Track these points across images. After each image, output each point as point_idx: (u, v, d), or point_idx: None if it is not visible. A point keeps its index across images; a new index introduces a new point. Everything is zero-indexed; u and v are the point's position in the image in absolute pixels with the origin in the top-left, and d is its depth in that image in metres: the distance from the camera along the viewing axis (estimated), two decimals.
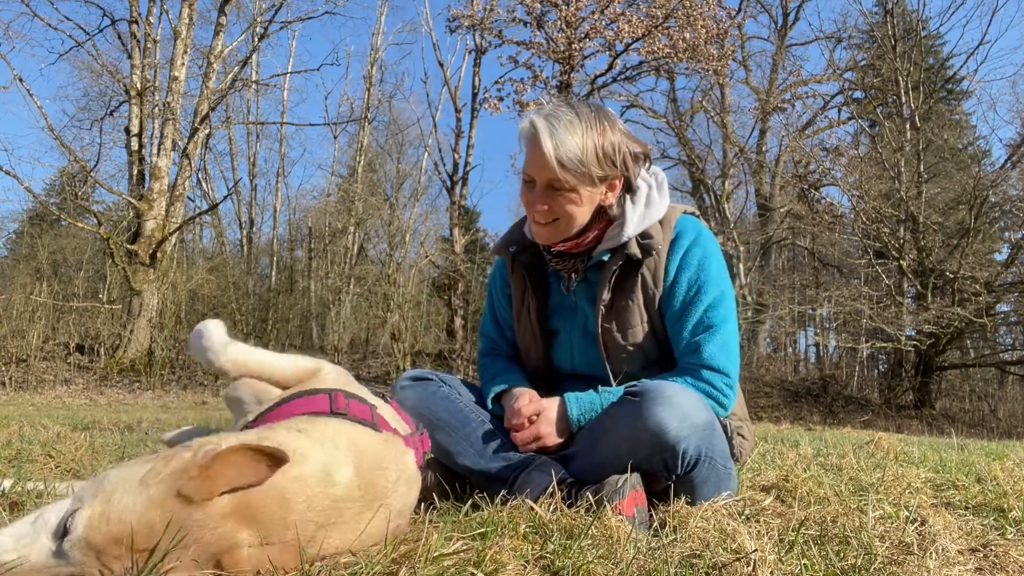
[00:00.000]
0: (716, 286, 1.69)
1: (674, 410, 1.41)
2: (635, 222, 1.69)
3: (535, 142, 1.62)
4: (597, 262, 1.74)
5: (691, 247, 1.71)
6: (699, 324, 1.66)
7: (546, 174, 1.62)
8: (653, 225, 1.71)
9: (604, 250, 1.71)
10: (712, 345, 1.64)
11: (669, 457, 1.43)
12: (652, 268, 1.70)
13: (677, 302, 1.69)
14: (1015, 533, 1.40)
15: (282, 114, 24.38)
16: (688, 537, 1.26)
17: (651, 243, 1.68)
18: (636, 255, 1.68)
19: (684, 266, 1.70)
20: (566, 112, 1.63)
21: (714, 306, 1.67)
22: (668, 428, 1.40)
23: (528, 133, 1.65)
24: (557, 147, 1.58)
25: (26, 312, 13.52)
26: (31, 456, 2.11)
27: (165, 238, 14.30)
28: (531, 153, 1.64)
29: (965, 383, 18.16)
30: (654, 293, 1.70)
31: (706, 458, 1.48)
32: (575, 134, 1.60)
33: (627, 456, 1.46)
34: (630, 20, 13.19)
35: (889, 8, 18.22)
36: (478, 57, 17.33)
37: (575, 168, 1.60)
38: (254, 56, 20.01)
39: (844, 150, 17.30)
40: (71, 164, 15.44)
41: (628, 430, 1.45)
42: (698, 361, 1.64)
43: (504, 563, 1.05)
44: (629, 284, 1.70)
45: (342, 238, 21.34)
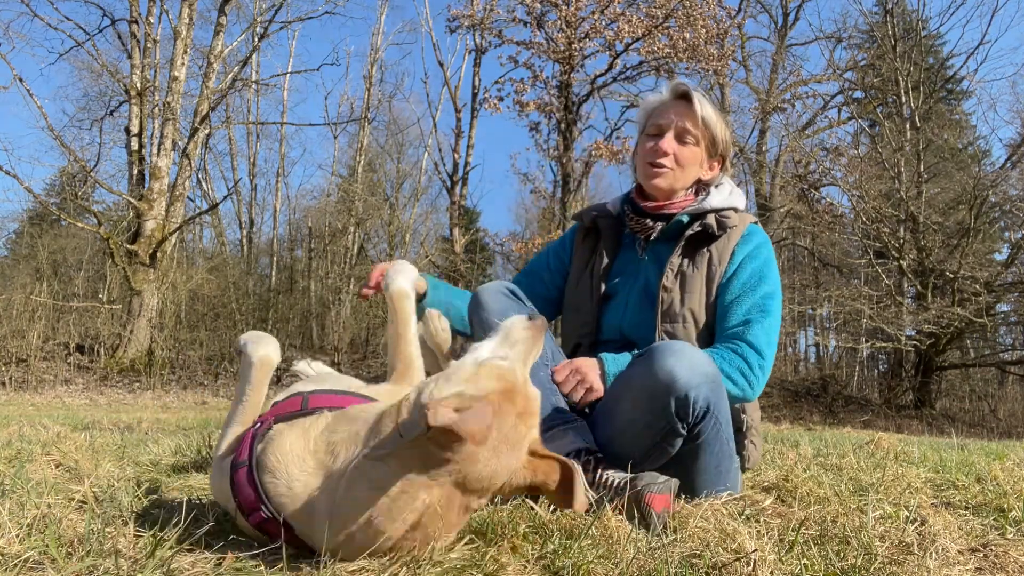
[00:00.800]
0: (775, 282, 1.84)
1: (684, 359, 1.50)
2: (718, 198, 1.91)
3: (684, 102, 1.89)
4: (676, 225, 1.89)
5: (761, 245, 1.88)
6: (754, 307, 1.78)
7: (686, 122, 1.88)
8: (730, 209, 1.90)
9: (685, 212, 1.88)
10: (759, 327, 1.74)
11: (681, 405, 1.50)
12: (720, 248, 1.85)
13: (738, 284, 1.81)
14: (1015, 533, 1.40)
15: (282, 114, 24.39)
16: (688, 537, 1.26)
17: (727, 221, 1.85)
18: (712, 226, 1.84)
19: (752, 256, 1.84)
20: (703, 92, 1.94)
21: (770, 296, 1.80)
22: (678, 375, 1.48)
23: (663, 98, 1.94)
24: (703, 108, 1.88)
25: (26, 312, 13.52)
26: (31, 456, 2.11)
27: (165, 238, 14.30)
28: (672, 108, 1.90)
29: (965, 383, 18.16)
30: (716, 271, 1.83)
31: (713, 413, 1.55)
32: (712, 108, 1.92)
33: (644, 413, 1.53)
34: (630, 20, 13.19)
35: (889, 8, 18.22)
36: (478, 57, 17.33)
37: (711, 127, 1.89)
38: (254, 56, 20.01)
39: (844, 150, 17.30)
40: (71, 164, 15.44)
41: (641, 383, 1.53)
42: (742, 335, 1.73)
43: (504, 563, 1.05)
44: (698, 254, 1.85)
45: (342, 238, 21.33)
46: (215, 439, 2.84)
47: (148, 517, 1.34)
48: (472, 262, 19.08)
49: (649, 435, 1.55)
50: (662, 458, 1.58)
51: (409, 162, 23.86)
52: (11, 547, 1.04)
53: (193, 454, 2.37)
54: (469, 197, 22.15)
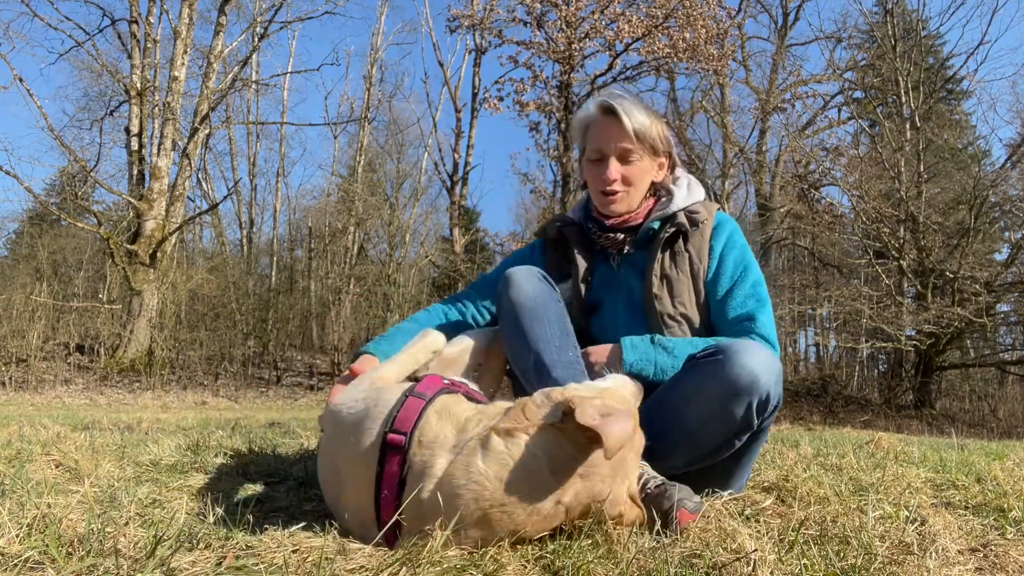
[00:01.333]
0: (757, 269, 1.87)
1: (760, 357, 1.51)
2: (682, 197, 1.90)
3: (612, 117, 1.84)
4: (647, 233, 1.89)
5: (733, 232, 1.90)
6: (749, 296, 1.81)
7: (622, 144, 1.83)
8: (696, 204, 1.90)
9: (654, 219, 1.88)
10: (764, 316, 1.78)
11: (761, 404, 1.52)
12: (697, 246, 1.87)
13: (725, 278, 1.84)
14: (1015, 533, 1.40)
15: (282, 114, 24.40)
16: (688, 537, 1.26)
17: (697, 217, 1.86)
18: (684, 224, 1.85)
19: (730, 247, 1.87)
20: (627, 96, 1.88)
21: (759, 283, 1.83)
22: (760, 374, 1.49)
23: (591, 115, 1.89)
24: (633, 120, 1.82)
25: (26, 312, 13.52)
26: (31, 456, 2.11)
27: (165, 238, 14.29)
28: (604, 128, 1.86)
29: (965, 383, 18.15)
30: (698, 268, 1.85)
31: (779, 404, 1.60)
32: (641, 111, 1.85)
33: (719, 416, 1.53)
34: (630, 20, 13.19)
35: (889, 8, 18.21)
36: (478, 57, 17.33)
37: (645, 138, 1.84)
38: (254, 56, 20.02)
39: (844, 150, 17.30)
40: (71, 164, 15.44)
41: (718, 385, 1.51)
42: (751, 328, 1.76)
43: (504, 563, 1.05)
44: (677, 256, 1.86)
45: (342, 238, 21.33)
46: (215, 439, 2.84)
47: (148, 517, 1.34)
48: (472, 262, 19.07)
49: (722, 433, 1.55)
50: (727, 452, 1.59)
51: (409, 162, 23.89)
52: (11, 547, 1.04)
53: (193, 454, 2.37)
54: (469, 197, 22.18)
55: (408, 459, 1.17)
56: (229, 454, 2.36)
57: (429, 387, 1.33)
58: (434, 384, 1.35)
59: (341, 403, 1.38)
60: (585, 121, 1.91)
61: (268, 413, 8.97)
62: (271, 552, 1.09)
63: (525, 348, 1.66)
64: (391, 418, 1.22)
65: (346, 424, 1.31)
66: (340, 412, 1.36)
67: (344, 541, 1.16)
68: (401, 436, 1.19)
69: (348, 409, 1.34)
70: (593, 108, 1.89)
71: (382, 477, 1.18)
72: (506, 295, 1.74)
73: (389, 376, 1.50)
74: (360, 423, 1.27)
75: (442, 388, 1.33)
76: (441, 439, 1.17)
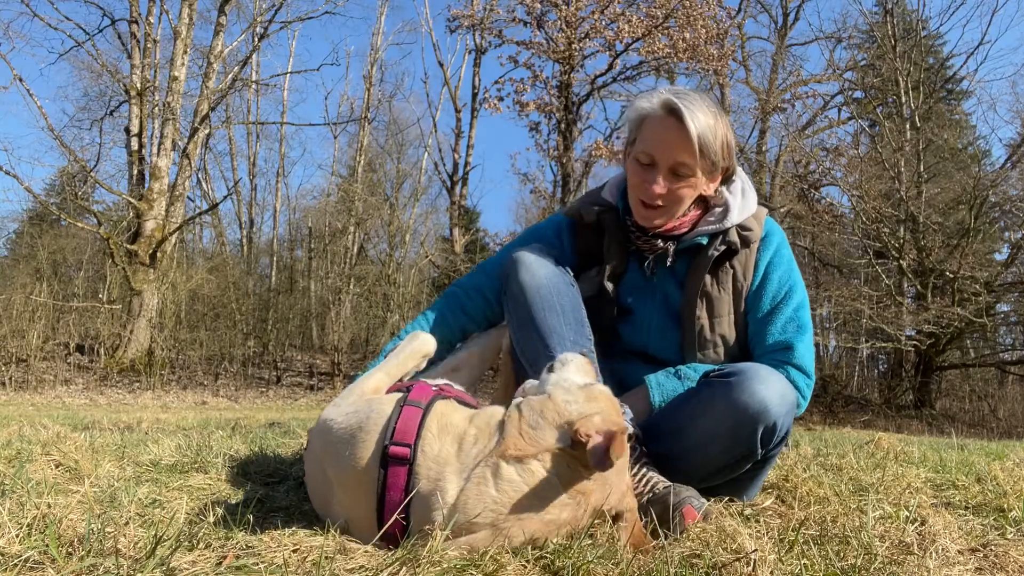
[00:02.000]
0: (802, 289, 1.74)
1: (773, 387, 1.45)
2: (737, 211, 1.70)
3: (675, 122, 1.59)
4: (692, 245, 1.72)
5: (780, 247, 1.75)
6: (790, 322, 1.69)
7: (679, 157, 1.60)
8: (750, 218, 1.72)
9: (703, 233, 1.71)
10: (802, 345, 1.67)
11: (767, 433, 1.46)
12: (743, 262, 1.72)
13: (767, 298, 1.71)
14: (1015, 533, 1.40)
15: (282, 114, 24.40)
16: (688, 537, 1.26)
17: (750, 235, 1.70)
18: (736, 244, 1.69)
19: (776, 264, 1.73)
20: (698, 97, 1.62)
21: (803, 307, 1.71)
22: (770, 404, 1.43)
23: (654, 111, 1.63)
24: (699, 128, 1.57)
25: (26, 312, 13.52)
26: (31, 456, 2.11)
27: (165, 238, 14.29)
28: (663, 132, 1.61)
29: (965, 383, 18.15)
30: (743, 286, 1.72)
31: (788, 434, 1.53)
32: (709, 119, 1.59)
33: (725, 437, 1.48)
34: (630, 20, 13.19)
35: (889, 8, 18.22)
36: (478, 57, 17.35)
37: (708, 152, 1.60)
38: (254, 56, 20.02)
39: (844, 150, 17.30)
40: (71, 164, 15.45)
41: (726, 411, 1.46)
42: (788, 358, 1.66)
43: (504, 563, 1.05)
44: (722, 273, 1.71)
45: (342, 238, 21.33)
46: (215, 439, 2.84)
47: (148, 517, 1.34)
48: (472, 262, 19.06)
49: (724, 457, 1.50)
50: (730, 476, 1.53)
51: (409, 162, 23.89)
52: (11, 547, 1.04)
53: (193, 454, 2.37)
54: (469, 197, 22.18)
55: (414, 471, 1.17)
56: (229, 454, 2.36)
57: (422, 395, 1.30)
58: (426, 392, 1.32)
59: (331, 417, 1.35)
60: (643, 114, 1.66)
61: (268, 413, 8.97)
62: (271, 552, 1.09)
63: (536, 340, 1.56)
64: (390, 429, 1.21)
65: (339, 437, 1.29)
66: (331, 425, 1.33)
67: (344, 540, 1.16)
68: (404, 448, 1.18)
69: (339, 423, 1.31)
70: (656, 103, 1.63)
71: (385, 489, 1.17)
72: (515, 279, 1.63)
73: (379, 386, 1.45)
74: (355, 436, 1.25)
75: (435, 395, 1.31)
76: (444, 455, 1.18)
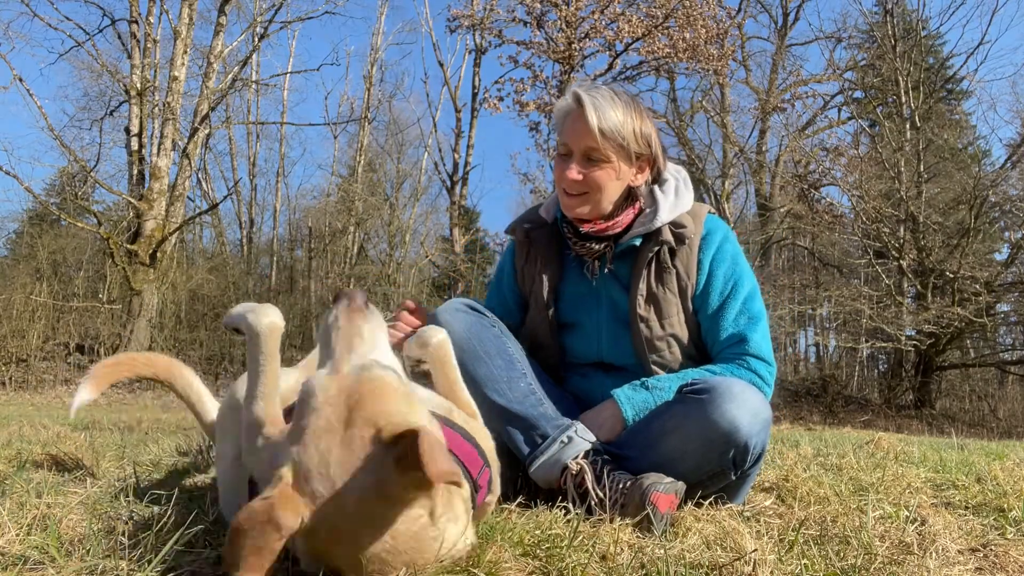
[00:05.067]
0: (749, 280, 1.75)
1: (745, 407, 1.43)
2: (667, 209, 1.72)
3: (578, 112, 1.68)
4: (628, 247, 1.75)
5: (723, 243, 1.76)
6: (740, 314, 1.71)
7: (586, 142, 1.67)
8: (683, 216, 1.74)
9: (636, 235, 1.73)
10: (757, 334, 1.69)
11: (739, 454, 1.45)
12: (684, 261, 1.73)
13: (715, 295, 1.72)
14: (1015, 533, 1.40)
15: (282, 114, 24.39)
16: (688, 537, 1.26)
17: (684, 232, 1.71)
18: (670, 241, 1.71)
19: (719, 260, 1.74)
20: (607, 90, 1.70)
21: (751, 298, 1.73)
22: (741, 424, 1.42)
23: (568, 106, 1.72)
24: (600, 117, 1.64)
25: (26, 312, 13.52)
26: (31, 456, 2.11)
27: (165, 238, 14.29)
28: (572, 123, 1.70)
29: (965, 383, 18.15)
30: (687, 285, 1.73)
31: (764, 455, 1.52)
32: (616, 108, 1.67)
33: (694, 455, 1.47)
34: (630, 20, 13.18)
35: (889, 8, 18.21)
36: (478, 57, 17.33)
37: (614, 138, 1.65)
38: (254, 56, 20.00)
39: (844, 150, 17.27)
40: (71, 164, 15.44)
41: (697, 429, 1.45)
42: (744, 350, 1.68)
43: (504, 563, 1.05)
44: (664, 273, 1.73)
45: (342, 238, 21.34)
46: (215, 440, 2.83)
47: (148, 517, 1.34)
48: (472, 262, 19.07)
49: (696, 474, 1.48)
50: (705, 491, 1.52)
51: (409, 162, 23.87)
52: (11, 547, 1.04)
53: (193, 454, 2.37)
54: (469, 197, 22.16)
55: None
56: None
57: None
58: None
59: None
60: (562, 112, 1.75)
61: None
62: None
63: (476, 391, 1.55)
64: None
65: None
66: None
67: None
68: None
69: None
70: (569, 98, 1.72)
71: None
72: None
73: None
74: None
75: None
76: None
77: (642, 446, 1.55)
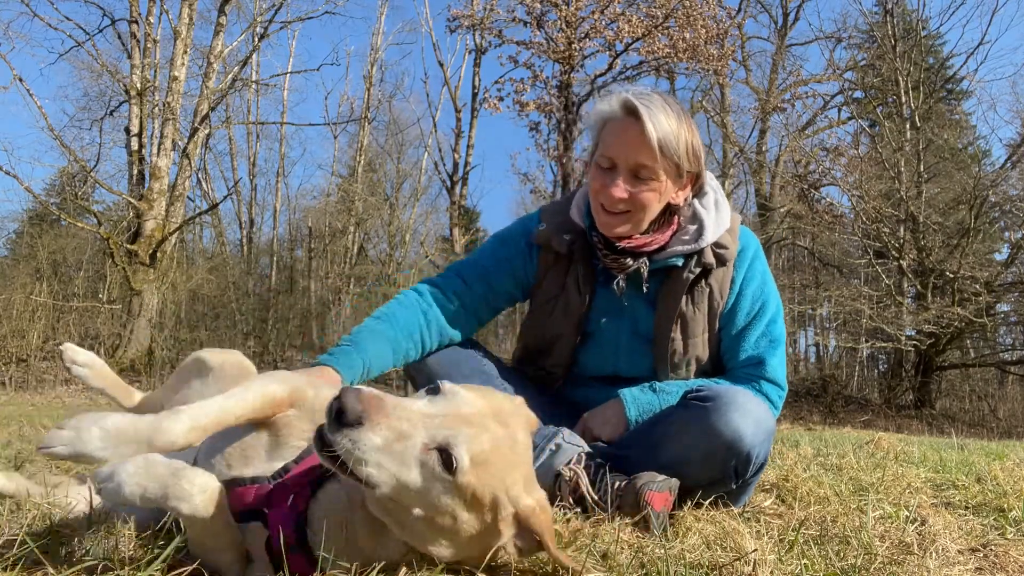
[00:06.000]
0: (775, 300, 1.72)
1: (749, 417, 1.42)
2: (712, 225, 1.64)
3: (630, 123, 1.53)
4: (663, 267, 1.66)
5: (754, 260, 1.71)
6: (763, 336, 1.68)
7: (639, 158, 1.54)
8: (724, 235, 1.66)
9: (677, 254, 1.65)
10: (775, 359, 1.67)
11: (741, 463, 1.44)
12: (720, 280, 1.67)
13: (742, 315, 1.68)
14: (1015, 533, 1.40)
15: (282, 114, 24.38)
16: (688, 537, 1.26)
17: (726, 253, 1.64)
18: (712, 263, 1.63)
19: (749, 279, 1.69)
20: (659, 97, 1.56)
21: (775, 320, 1.70)
22: (744, 434, 1.40)
23: (614, 113, 1.58)
24: (661, 131, 1.51)
25: (26, 312, 13.51)
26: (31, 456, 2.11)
27: (165, 238, 14.29)
28: (623, 134, 1.55)
29: (965, 383, 18.15)
30: (718, 304, 1.67)
31: (766, 462, 1.51)
32: (671, 120, 1.53)
33: (697, 462, 1.45)
34: (630, 20, 13.18)
35: (889, 8, 18.21)
36: (478, 57, 17.35)
37: (671, 155, 1.53)
38: (254, 56, 19.99)
39: (844, 150, 17.28)
40: (71, 164, 15.44)
41: (700, 436, 1.44)
42: (761, 373, 1.66)
43: (504, 563, 1.05)
44: (698, 292, 1.67)
45: (342, 238, 21.34)
46: None
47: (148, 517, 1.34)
48: None
49: (696, 480, 1.47)
50: (707, 496, 1.51)
51: (409, 162, 23.88)
52: (11, 547, 1.04)
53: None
54: (469, 197, 22.18)
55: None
56: None
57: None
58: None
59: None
60: (603, 117, 1.60)
61: None
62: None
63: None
64: None
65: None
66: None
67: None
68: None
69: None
70: (616, 104, 1.57)
71: None
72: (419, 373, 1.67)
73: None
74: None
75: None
76: None
77: (643, 450, 1.55)
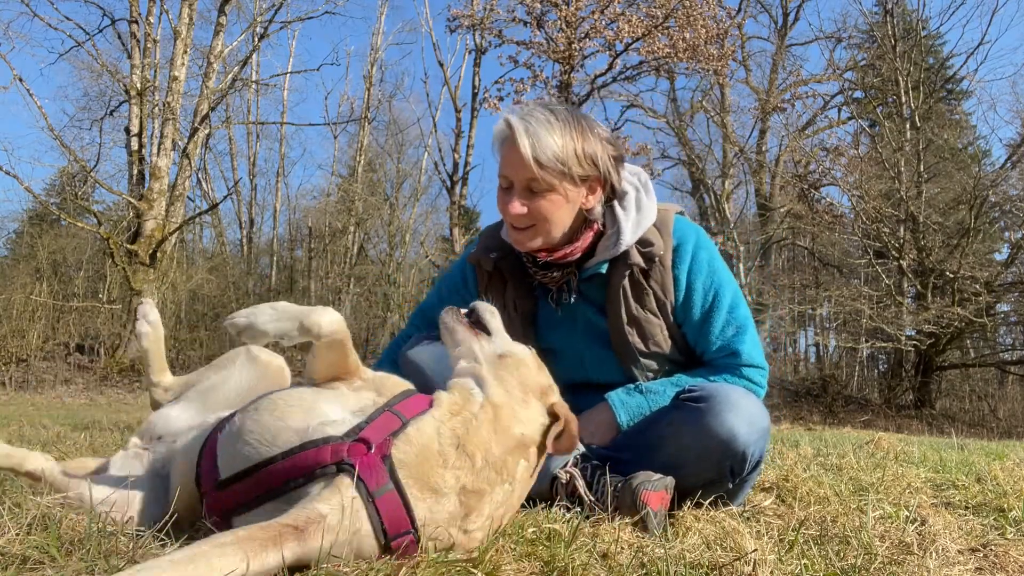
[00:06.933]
0: (730, 286, 1.71)
1: (743, 416, 1.42)
2: (630, 229, 1.63)
3: (511, 141, 1.55)
4: (594, 274, 1.68)
5: (696, 251, 1.69)
6: (727, 325, 1.68)
7: (524, 173, 1.54)
8: (650, 231, 1.65)
9: (601, 261, 1.66)
10: (747, 344, 1.67)
11: (737, 463, 1.44)
12: (659, 279, 1.67)
13: (697, 309, 1.68)
14: (1015, 533, 1.40)
15: (282, 114, 24.39)
16: (688, 537, 1.26)
17: (652, 251, 1.63)
18: (640, 264, 1.63)
19: (695, 272, 1.68)
20: (541, 111, 1.57)
21: (735, 306, 1.69)
22: (738, 434, 1.41)
23: (503, 133, 1.59)
24: (535, 145, 1.51)
25: (26, 312, 13.52)
26: None
27: (165, 238, 14.29)
28: (507, 153, 1.57)
29: (965, 383, 18.14)
30: (665, 302, 1.67)
31: (761, 462, 1.51)
32: (552, 132, 1.53)
33: (692, 463, 1.46)
34: (630, 20, 13.18)
35: (889, 8, 18.21)
36: (478, 57, 17.34)
37: (553, 166, 1.52)
38: (254, 56, 20.00)
39: (844, 150, 17.28)
40: (71, 164, 15.45)
41: (695, 437, 1.44)
42: (737, 362, 1.66)
43: (503, 564, 1.05)
44: (640, 294, 1.66)
45: (342, 238, 21.33)
46: None
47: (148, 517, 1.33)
48: None
49: (692, 480, 1.47)
50: (705, 497, 1.51)
51: (409, 162, 23.86)
52: (11, 547, 1.04)
53: None
54: (469, 197, 22.21)
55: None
56: None
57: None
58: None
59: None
60: (496, 137, 1.61)
61: None
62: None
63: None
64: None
65: None
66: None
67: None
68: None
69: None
70: (501, 123, 1.58)
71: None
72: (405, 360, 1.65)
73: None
74: None
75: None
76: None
77: (638, 452, 1.55)
